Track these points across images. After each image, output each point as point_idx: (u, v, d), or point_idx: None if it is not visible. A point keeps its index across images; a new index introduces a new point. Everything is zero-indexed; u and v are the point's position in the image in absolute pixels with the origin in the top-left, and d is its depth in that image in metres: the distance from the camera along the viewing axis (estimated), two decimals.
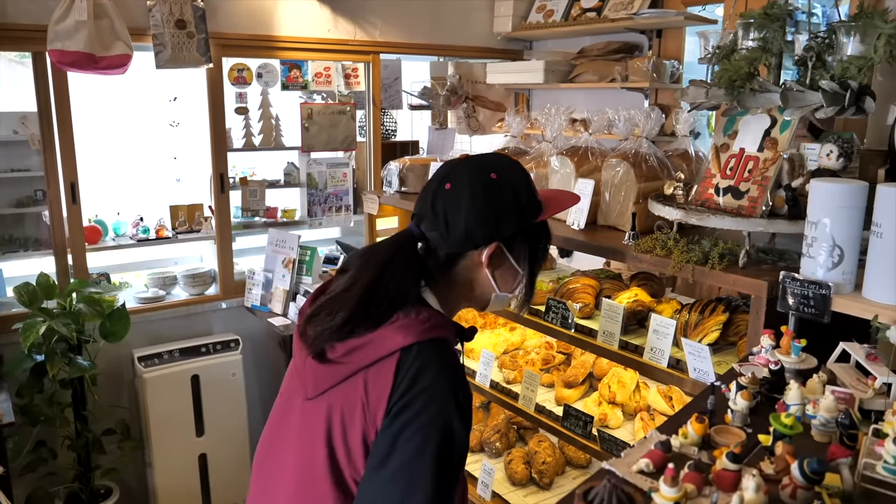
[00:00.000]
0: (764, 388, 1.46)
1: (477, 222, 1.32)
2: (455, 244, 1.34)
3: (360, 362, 1.23)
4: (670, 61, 3.55)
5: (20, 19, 3.13)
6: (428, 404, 1.18)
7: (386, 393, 1.19)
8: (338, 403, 1.25)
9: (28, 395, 3.19)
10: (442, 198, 1.34)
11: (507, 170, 1.37)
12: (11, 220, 3.63)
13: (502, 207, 1.33)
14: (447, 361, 1.25)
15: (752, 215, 1.89)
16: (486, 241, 1.34)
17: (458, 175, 1.35)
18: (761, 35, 1.86)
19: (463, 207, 1.32)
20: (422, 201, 1.38)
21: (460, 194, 1.33)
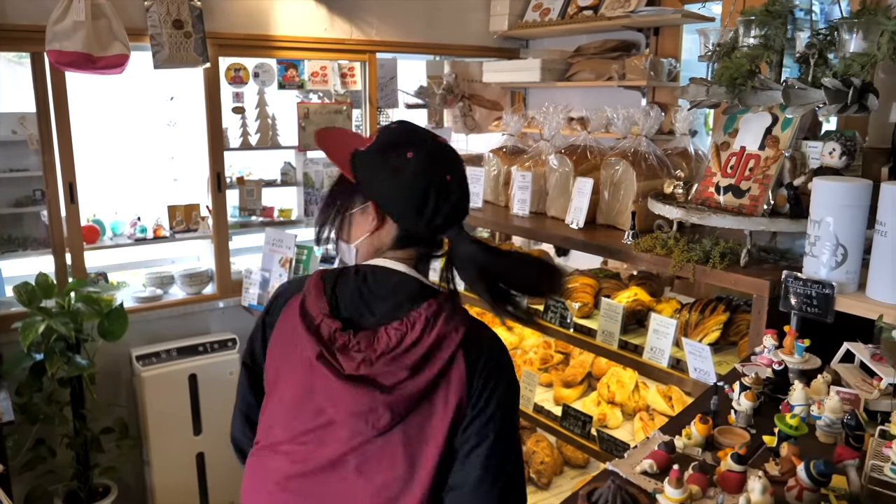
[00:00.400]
0: (767, 389, 1.46)
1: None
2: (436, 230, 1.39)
3: (430, 376, 1.24)
4: (668, 59, 3.55)
5: (19, 20, 3.11)
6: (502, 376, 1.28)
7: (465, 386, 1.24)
8: (414, 420, 1.24)
9: (27, 393, 3.18)
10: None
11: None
12: (10, 220, 3.61)
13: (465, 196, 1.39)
14: (493, 334, 1.34)
15: (753, 214, 1.89)
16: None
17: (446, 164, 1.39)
18: (763, 32, 1.86)
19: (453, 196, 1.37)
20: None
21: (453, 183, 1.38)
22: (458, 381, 1.24)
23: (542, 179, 2.80)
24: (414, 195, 1.27)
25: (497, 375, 1.27)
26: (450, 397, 1.24)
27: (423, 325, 1.25)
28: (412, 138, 1.32)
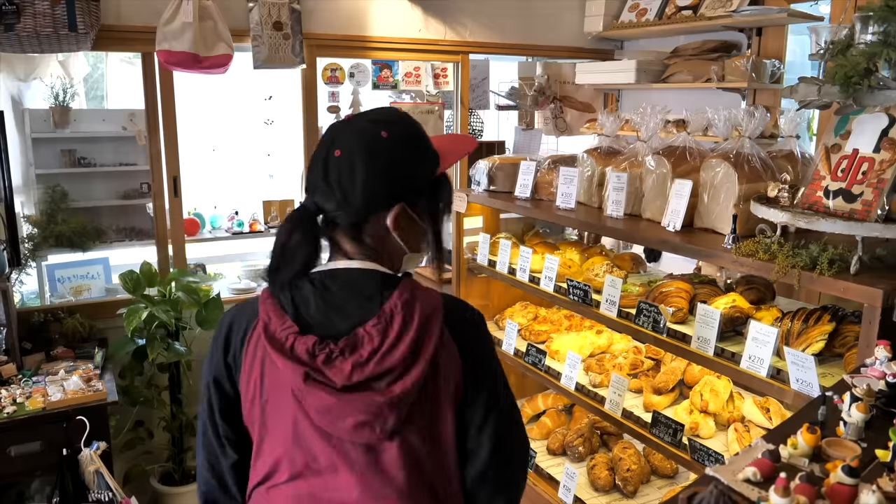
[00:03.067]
0: (880, 402, 1.39)
1: (376, 186, 1.25)
2: (356, 213, 1.27)
3: (424, 367, 1.21)
4: (771, 60, 3.42)
5: (132, 21, 3.28)
6: (484, 339, 1.34)
7: (459, 362, 1.26)
8: (419, 411, 1.23)
9: (129, 376, 3.35)
10: (334, 166, 1.25)
11: (398, 126, 1.30)
12: (118, 212, 3.82)
13: (398, 167, 1.27)
14: (464, 303, 1.37)
15: (865, 219, 1.80)
16: (388, 203, 1.27)
17: (345, 139, 1.26)
18: (882, 29, 1.77)
19: (359, 173, 1.24)
20: (313, 173, 1.29)
21: (353, 160, 1.24)
22: (451, 363, 1.25)
23: (637, 181, 2.74)
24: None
25: (482, 346, 1.32)
26: (447, 380, 1.24)
27: (402, 315, 1.21)
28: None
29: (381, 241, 1.31)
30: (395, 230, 1.29)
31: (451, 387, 1.25)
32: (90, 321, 3.37)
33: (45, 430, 2.72)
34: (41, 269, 3.61)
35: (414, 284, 1.28)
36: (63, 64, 3.80)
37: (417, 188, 1.30)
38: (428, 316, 1.23)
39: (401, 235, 1.30)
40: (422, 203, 1.32)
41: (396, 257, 1.34)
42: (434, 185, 1.34)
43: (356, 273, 1.28)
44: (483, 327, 1.35)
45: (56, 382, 2.87)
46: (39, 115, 3.62)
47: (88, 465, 2.64)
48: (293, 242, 1.26)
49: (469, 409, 1.28)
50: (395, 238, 1.30)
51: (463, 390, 1.27)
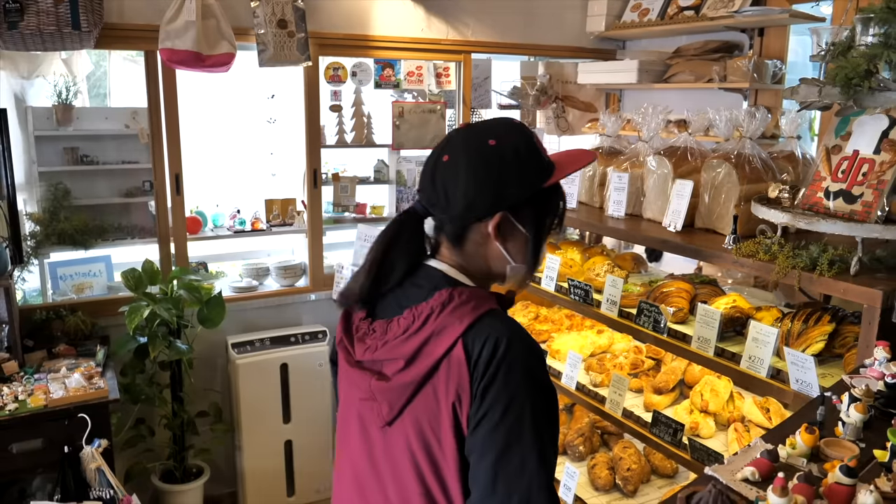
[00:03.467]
0: (879, 402, 1.40)
1: (477, 193, 1.25)
2: (458, 218, 1.28)
3: (425, 366, 1.20)
4: (773, 61, 3.42)
5: (135, 20, 3.29)
6: (510, 372, 1.16)
7: (465, 382, 1.17)
8: (423, 415, 1.22)
9: (131, 374, 3.36)
10: (441, 171, 1.28)
11: (508, 134, 1.29)
12: (120, 209, 3.82)
13: (502, 175, 1.26)
14: (510, 325, 1.22)
15: (865, 221, 1.80)
16: (489, 211, 1.27)
17: (454, 145, 1.29)
18: (883, 30, 1.77)
19: (461, 179, 1.25)
20: (422, 176, 1.33)
21: (458, 165, 1.26)
22: (457, 374, 1.18)
23: (638, 181, 2.75)
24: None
25: (506, 376, 1.15)
26: (448, 394, 1.18)
27: (426, 314, 1.23)
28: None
29: (481, 248, 1.31)
30: (496, 238, 1.29)
31: (452, 401, 1.18)
32: (92, 319, 3.37)
33: (47, 428, 2.73)
34: (43, 266, 3.61)
35: (471, 295, 1.25)
36: (66, 62, 3.80)
37: (522, 198, 1.28)
38: (448, 324, 1.20)
39: (503, 244, 1.30)
40: (526, 213, 1.30)
41: (496, 267, 1.33)
42: (542, 196, 1.32)
43: (426, 268, 1.32)
44: (515, 360, 1.17)
45: (58, 380, 2.88)
46: (42, 113, 3.62)
47: (90, 463, 2.64)
48: (400, 241, 1.32)
49: (472, 435, 1.18)
50: (497, 246, 1.30)
51: (469, 414, 1.18)
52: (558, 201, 1.35)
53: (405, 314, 1.25)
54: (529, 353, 1.19)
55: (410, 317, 1.24)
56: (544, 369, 1.21)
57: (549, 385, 1.20)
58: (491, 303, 1.26)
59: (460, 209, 1.27)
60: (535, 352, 1.21)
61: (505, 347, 1.17)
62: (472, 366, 1.17)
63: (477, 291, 1.27)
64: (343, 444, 1.39)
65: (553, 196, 1.34)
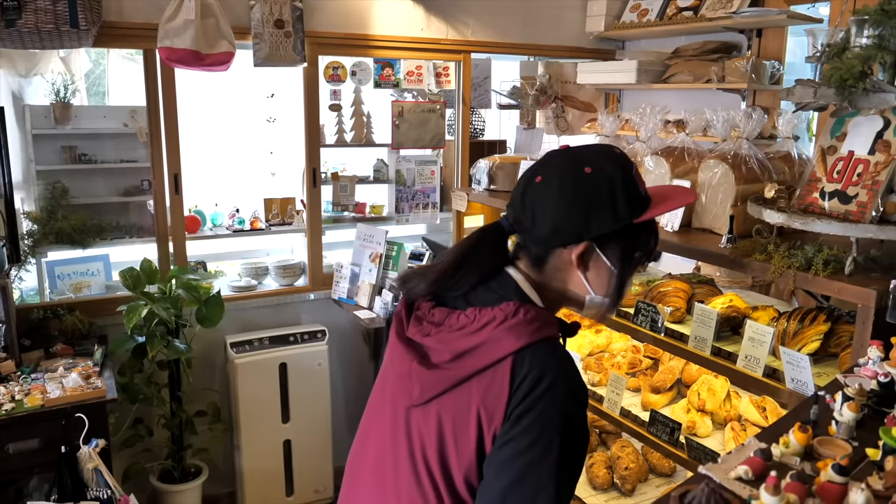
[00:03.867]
0: (872, 401, 1.40)
1: (564, 219, 1.24)
2: (542, 241, 1.28)
3: (469, 368, 1.19)
4: (770, 62, 3.43)
5: (134, 18, 3.29)
6: (548, 407, 1.14)
7: (503, 400, 1.16)
8: (448, 410, 1.21)
9: (129, 374, 3.36)
10: (532, 191, 1.27)
11: (605, 163, 1.26)
12: (119, 208, 3.82)
13: (593, 204, 1.23)
14: (562, 361, 1.20)
15: (860, 221, 1.81)
16: (574, 239, 1.25)
17: (550, 168, 1.28)
18: (877, 32, 1.78)
19: (550, 203, 1.24)
20: (514, 194, 1.32)
21: (550, 188, 1.25)
22: (498, 388, 1.17)
23: None
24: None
25: (542, 411, 1.14)
26: (483, 404, 1.17)
27: (487, 321, 1.22)
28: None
29: (561, 274, 1.30)
30: (578, 267, 1.27)
31: (482, 413, 1.18)
32: (90, 318, 3.38)
33: (44, 428, 2.73)
34: (41, 265, 3.62)
35: (536, 315, 1.22)
36: (64, 60, 3.80)
37: (610, 230, 1.25)
38: (502, 338, 1.19)
39: (584, 273, 1.29)
40: (614, 246, 1.28)
41: (574, 294, 1.32)
42: (633, 230, 1.28)
43: (504, 274, 1.30)
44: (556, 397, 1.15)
45: (55, 379, 2.88)
46: (40, 112, 3.62)
47: (87, 463, 2.65)
48: (477, 253, 1.30)
49: (494, 452, 1.17)
50: (578, 275, 1.29)
51: (497, 433, 1.17)
52: (649, 238, 1.33)
53: (468, 312, 1.25)
54: (570, 396, 1.17)
55: (472, 316, 1.24)
56: (582, 414, 1.19)
57: (582, 431, 1.18)
58: (553, 329, 1.24)
59: (546, 233, 1.26)
60: (578, 395, 1.19)
61: (549, 383, 1.15)
62: (514, 387, 1.16)
63: (543, 314, 1.24)
64: (370, 416, 1.40)
65: (644, 231, 1.31)
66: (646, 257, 1.35)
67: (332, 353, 3.98)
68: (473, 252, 1.31)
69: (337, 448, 4.01)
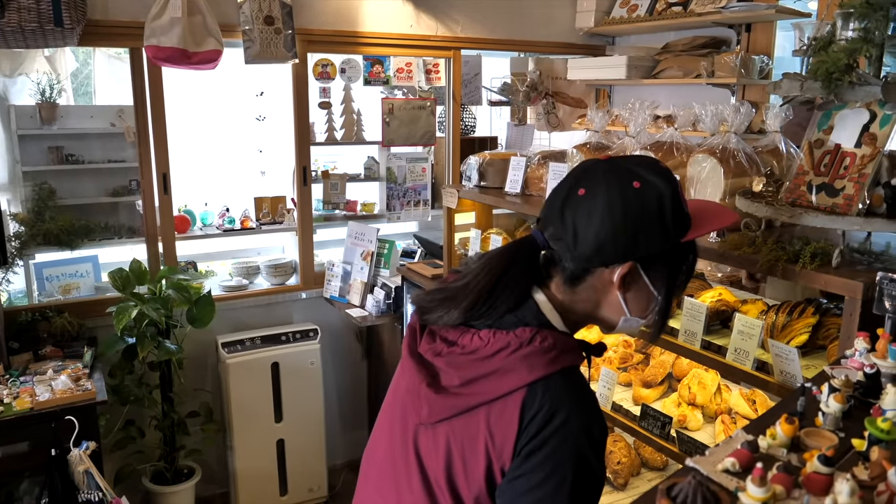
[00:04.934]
0: (858, 392, 1.40)
1: (611, 237, 1.16)
2: (582, 259, 1.19)
3: (479, 397, 1.14)
4: (759, 56, 3.44)
5: (119, 16, 3.27)
6: (561, 444, 1.09)
7: (512, 433, 1.11)
8: (457, 435, 1.17)
9: (119, 375, 3.35)
10: (573, 204, 1.18)
11: (654, 178, 1.18)
12: (107, 209, 3.80)
13: (643, 223, 1.16)
14: (578, 394, 1.15)
15: (847, 213, 1.81)
16: (618, 259, 1.18)
17: (594, 179, 1.18)
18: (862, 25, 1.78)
19: (596, 219, 1.15)
20: (550, 205, 1.22)
21: (595, 203, 1.16)
22: (507, 421, 1.12)
23: None
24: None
25: (554, 449, 1.09)
26: (492, 435, 1.13)
27: (500, 347, 1.16)
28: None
29: (597, 294, 1.23)
30: (619, 288, 1.21)
31: (491, 445, 1.13)
32: (79, 320, 3.36)
33: (34, 431, 2.72)
34: (29, 267, 3.59)
35: (554, 343, 1.16)
36: (49, 59, 3.78)
37: (657, 251, 1.20)
38: (515, 368, 1.13)
39: (624, 295, 1.22)
40: (657, 267, 1.22)
41: (608, 315, 1.26)
42: (677, 251, 1.23)
43: (531, 302, 1.22)
44: (569, 431, 1.10)
45: (44, 382, 2.87)
46: (26, 112, 3.60)
47: (78, 466, 2.63)
48: (511, 274, 1.20)
49: (505, 484, 1.13)
50: (618, 296, 1.22)
51: (507, 466, 1.13)
52: (693, 256, 1.27)
53: (483, 333, 1.19)
54: (585, 433, 1.11)
55: (486, 339, 1.17)
56: (598, 452, 1.13)
57: (597, 470, 1.13)
58: (572, 357, 1.18)
59: (588, 251, 1.18)
60: (593, 432, 1.13)
61: (561, 420, 1.10)
62: (524, 424, 1.11)
63: (562, 340, 1.18)
64: (383, 419, 1.36)
65: (687, 250, 1.26)
66: (687, 275, 1.29)
67: (325, 351, 3.97)
68: (507, 273, 1.20)
69: (330, 447, 4.00)
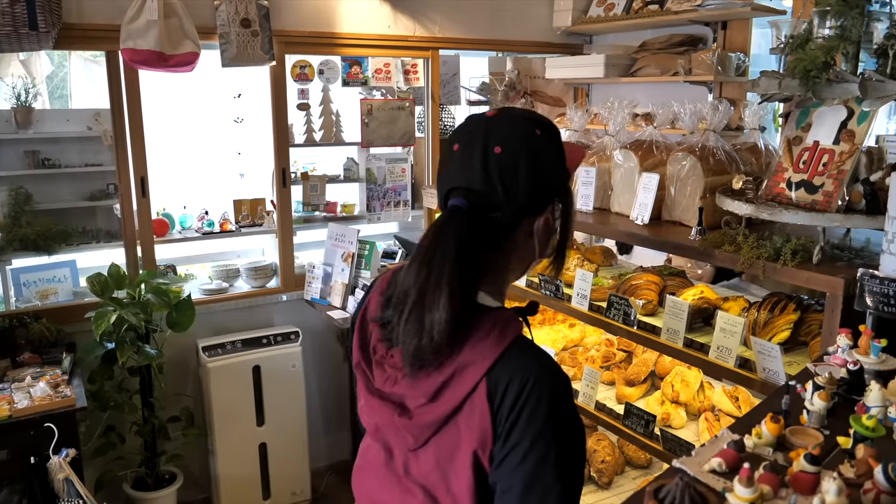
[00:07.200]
0: (842, 390, 1.41)
1: (540, 182, 1.20)
2: (519, 212, 1.20)
3: (448, 405, 1.14)
4: (736, 54, 3.46)
5: (95, 19, 3.23)
6: (534, 412, 1.10)
7: (489, 423, 1.11)
8: (444, 447, 1.17)
9: (99, 381, 3.30)
10: (495, 162, 1.18)
11: (546, 125, 1.25)
12: (85, 213, 3.75)
13: (554, 164, 1.23)
14: (533, 358, 1.15)
15: (827, 210, 1.83)
16: (548, 201, 1.23)
17: (502, 136, 1.19)
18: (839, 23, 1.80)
19: (522, 172, 1.18)
20: (466, 170, 1.20)
21: (516, 157, 1.18)
22: (479, 415, 1.12)
23: (606, 175, 2.76)
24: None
25: (530, 417, 1.10)
26: (472, 432, 1.13)
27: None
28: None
29: (519, 246, 1.25)
30: (538, 232, 1.24)
31: (474, 447, 1.13)
32: (57, 325, 3.31)
33: (12, 439, 2.67)
34: (5, 273, 3.54)
35: (494, 322, 1.16)
36: (24, 63, 3.73)
37: (566, 186, 1.27)
38: (471, 361, 1.13)
39: (538, 238, 1.25)
40: (563, 203, 1.27)
41: (519, 265, 1.28)
42: (568, 189, 1.29)
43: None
44: (542, 396, 1.11)
45: (22, 389, 2.82)
46: (1, 116, 3.54)
47: (57, 473, 2.59)
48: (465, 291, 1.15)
49: (496, 470, 1.13)
50: (533, 242, 1.25)
51: (493, 453, 1.13)
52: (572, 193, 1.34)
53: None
54: (552, 392, 1.12)
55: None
56: (569, 404, 1.15)
57: (575, 423, 1.14)
58: (513, 328, 1.17)
59: (521, 203, 1.19)
60: (559, 388, 1.13)
61: (530, 388, 1.10)
62: (496, 409, 1.11)
63: (499, 316, 1.18)
64: (363, 461, 1.34)
65: (569, 188, 1.32)
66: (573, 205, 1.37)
67: (306, 354, 3.95)
68: (463, 266, 1.15)
69: (313, 450, 3.98)
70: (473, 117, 1.26)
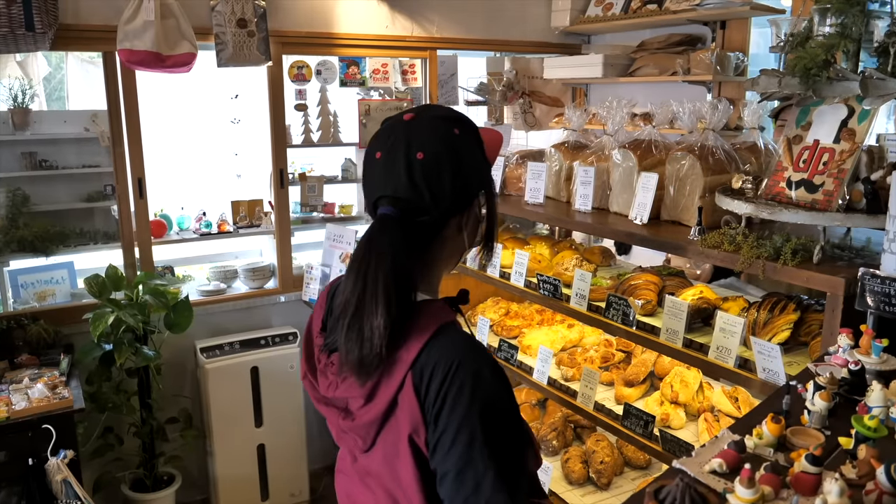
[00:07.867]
0: (843, 390, 1.41)
1: (462, 184, 1.23)
2: (443, 214, 1.23)
3: (383, 401, 1.16)
4: (735, 53, 3.45)
5: (91, 20, 3.22)
6: (456, 397, 1.11)
7: (418, 412, 1.13)
8: (389, 444, 1.19)
9: (97, 382, 3.29)
10: (418, 168, 1.19)
11: (464, 122, 1.28)
12: (82, 215, 3.74)
13: (474, 163, 1.26)
14: (458, 346, 1.16)
15: (827, 209, 1.82)
16: (472, 198, 1.27)
17: (422, 141, 1.21)
18: (839, 21, 1.79)
19: (446, 175, 1.20)
20: (391, 178, 1.21)
21: (438, 161, 1.20)
22: (410, 407, 1.14)
23: (605, 175, 2.75)
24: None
25: (454, 402, 1.11)
26: (408, 423, 1.14)
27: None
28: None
29: (448, 242, 1.28)
30: (466, 227, 1.28)
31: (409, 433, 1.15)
32: (55, 327, 3.30)
33: (10, 440, 2.66)
34: (3, 274, 3.53)
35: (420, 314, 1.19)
36: (21, 64, 3.71)
37: (487, 178, 1.30)
38: (397, 357, 1.15)
39: (466, 231, 1.29)
40: (485, 194, 1.31)
41: (450, 257, 1.31)
42: (489, 179, 1.33)
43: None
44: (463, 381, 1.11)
45: (20, 391, 2.81)
46: None
47: (55, 475, 2.59)
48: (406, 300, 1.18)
49: (431, 458, 1.15)
50: (462, 236, 1.29)
51: (426, 440, 1.15)
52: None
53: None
54: (479, 377, 1.13)
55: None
56: (498, 387, 1.15)
57: (501, 403, 1.15)
58: (440, 315, 1.20)
59: (447, 205, 1.22)
60: (481, 370, 1.14)
61: (454, 373, 1.12)
62: (423, 398, 1.13)
63: (427, 308, 1.20)
64: (340, 463, 1.38)
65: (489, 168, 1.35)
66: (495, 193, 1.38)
67: None
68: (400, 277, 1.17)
69: (311, 451, 3.97)
70: (392, 122, 1.27)
